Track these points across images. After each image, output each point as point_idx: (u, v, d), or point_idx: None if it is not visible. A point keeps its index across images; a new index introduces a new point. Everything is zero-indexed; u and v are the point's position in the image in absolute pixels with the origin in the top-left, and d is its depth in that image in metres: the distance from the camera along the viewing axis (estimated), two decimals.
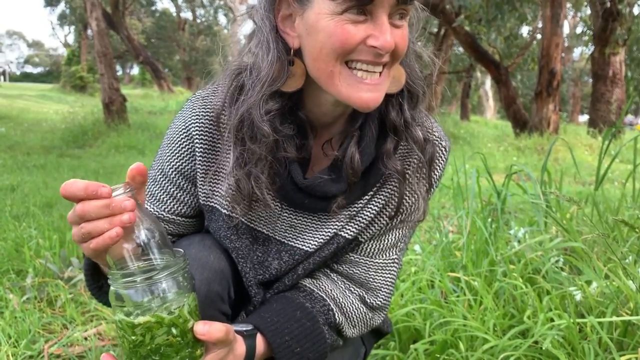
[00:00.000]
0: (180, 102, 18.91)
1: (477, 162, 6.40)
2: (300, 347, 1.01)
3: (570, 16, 24.08)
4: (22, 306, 2.24)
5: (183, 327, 0.80)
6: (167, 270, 0.78)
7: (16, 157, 7.46)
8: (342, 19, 0.87)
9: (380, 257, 1.14)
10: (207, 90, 1.08)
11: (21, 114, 14.26)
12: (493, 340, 1.62)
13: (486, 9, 11.14)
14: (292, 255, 1.09)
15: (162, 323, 0.78)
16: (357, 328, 1.14)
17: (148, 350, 0.79)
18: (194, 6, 39.83)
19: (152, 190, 1.11)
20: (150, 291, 0.77)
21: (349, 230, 1.08)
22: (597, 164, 2.64)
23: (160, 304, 0.78)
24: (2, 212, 3.86)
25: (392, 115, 1.00)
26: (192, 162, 1.07)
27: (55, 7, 40.83)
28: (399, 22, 0.91)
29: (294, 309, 1.05)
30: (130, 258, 0.78)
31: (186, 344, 0.81)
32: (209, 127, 1.04)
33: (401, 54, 0.93)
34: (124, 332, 0.79)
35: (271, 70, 0.94)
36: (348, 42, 0.88)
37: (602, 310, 1.70)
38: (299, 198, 1.03)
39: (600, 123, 11.80)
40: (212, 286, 1.02)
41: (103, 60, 10.94)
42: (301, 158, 1.02)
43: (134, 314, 0.78)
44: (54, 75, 52.08)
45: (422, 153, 1.03)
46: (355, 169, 0.99)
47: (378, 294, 1.15)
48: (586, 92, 30.75)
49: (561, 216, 2.40)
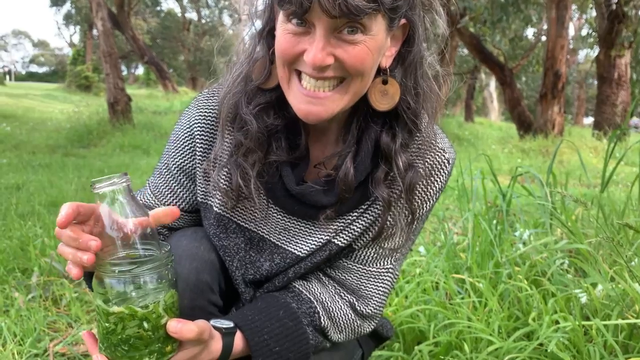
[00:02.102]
0: (185, 102, 18.94)
1: (481, 163, 6.38)
2: (279, 347, 1.01)
3: (575, 18, 24.01)
4: (27, 304, 2.25)
5: (156, 322, 0.82)
6: (149, 265, 0.80)
7: (21, 156, 7.48)
8: (286, 28, 0.89)
9: (374, 266, 1.12)
10: (212, 90, 1.10)
11: (26, 113, 14.31)
12: (498, 342, 1.61)
13: (491, 10, 11.14)
14: (284, 258, 1.09)
15: (134, 316, 0.80)
16: (343, 334, 1.13)
17: (118, 340, 0.82)
18: (199, 6, 39.88)
19: (156, 182, 1.15)
20: (129, 282, 0.80)
21: (342, 238, 1.07)
22: (601, 166, 2.63)
23: (137, 296, 0.80)
24: (8, 210, 3.87)
25: (384, 140, 0.99)
26: (192, 160, 1.09)
27: (61, 7, 41.03)
28: (350, 36, 0.86)
29: (277, 308, 1.05)
30: (118, 247, 0.80)
31: (157, 339, 0.83)
32: (211, 126, 1.07)
33: (354, 70, 0.89)
34: (100, 317, 0.82)
35: (251, 68, 0.99)
36: (286, 52, 0.90)
37: (608, 313, 1.70)
38: (290, 204, 1.03)
39: (605, 125, 11.76)
40: (201, 276, 1.03)
41: (108, 60, 10.96)
42: (295, 159, 1.01)
43: (111, 302, 0.80)
44: (59, 74, 52.32)
45: (402, 180, 1.00)
46: (348, 185, 0.98)
47: (369, 302, 1.13)
48: (591, 94, 30.68)
49: (566, 218, 2.40)
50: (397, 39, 0.96)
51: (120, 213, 0.80)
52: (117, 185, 0.79)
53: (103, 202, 0.79)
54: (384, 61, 0.95)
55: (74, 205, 0.78)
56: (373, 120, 0.99)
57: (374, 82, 0.96)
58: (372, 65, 0.91)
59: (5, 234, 3.20)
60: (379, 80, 0.96)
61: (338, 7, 0.80)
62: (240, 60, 1.03)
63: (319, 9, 0.81)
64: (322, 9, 0.81)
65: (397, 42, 0.96)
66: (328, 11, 0.81)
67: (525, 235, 2.42)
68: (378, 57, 0.92)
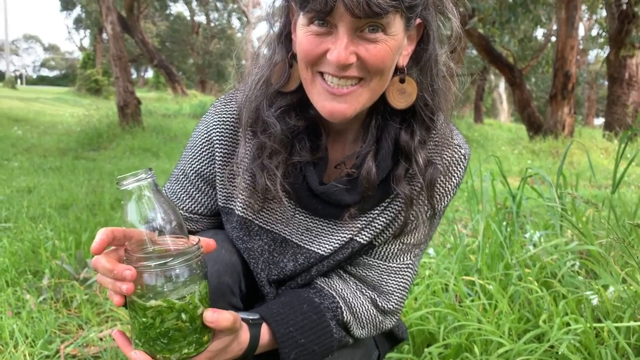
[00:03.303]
0: (194, 105, 19.05)
1: (490, 165, 6.36)
2: (304, 339, 1.03)
3: (585, 18, 23.87)
4: (38, 306, 2.27)
5: (193, 313, 0.83)
6: (182, 257, 0.81)
7: (33, 160, 7.54)
8: (308, 30, 0.91)
9: (394, 261, 1.14)
10: (229, 95, 1.12)
11: (37, 116, 14.42)
12: (508, 345, 1.61)
13: (500, 11, 11.08)
14: (307, 257, 1.11)
15: (172, 308, 0.81)
16: (365, 329, 1.15)
17: (157, 333, 0.82)
18: (207, 10, 40.04)
19: (174, 188, 1.16)
20: (164, 276, 0.80)
21: (364, 235, 1.09)
22: (612, 167, 2.61)
23: (172, 289, 0.81)
24: (19, 213, 3.90)
25: (403, 137, 1.01)
26: (211, 166, 1.10)
27: (71, 11, 41.31)
28: (372, 35, 0.88)
29: (301, 302, 1.07)
30: (149, 242, 0.81)
31: (194, 329, 0.84)
32: (230, 132, 1.08)
33: (375, 69, 0.91)
34: (135, 314, 0.82)
35: (271, 71, 1.01)
36: (310, 53, 0.92)
37: (620, 315, 1.68)
38: (313, 204, 1.05)
39: (616, 126, 11.67)
40: (223, 278, 1.04)
41: (118, 64, 11.02)
42: (317, 160, 1.03)
43: (146, 297, 0.80)
44: (69, 78, 52.67)
45: (422, 177, 1.03)
46: (371, 183, 1.00)
47: (390, 297, 1.15)
48: (601, 94, 30.46)
49: (577, 219, 2.38)
50: (413, 38, 0.98)
51: (148, 208, 0.81)
52: (143, 181, 0.80)
53: (130, 198, 0.80)
54: (401, 60, 0.97)
55: (109, 230, 0.79)
56: (391, 119, 1.01)
57: (392, 80, 0.98)
58: (391, 64, 0.94)
59: (17, 237, 3.23)
60: (397, 79, 0.98)
61: (361, 7, 0.82)
62: (260, 64, 1.05)
63: (342, 8, 0.84)
64: (345, 8, 0.83)
65: (412, 41, 0.99)
66: (352, 10, 0.83)
67: (536, 237, 2.41)
68: (396, 56, 0.95)
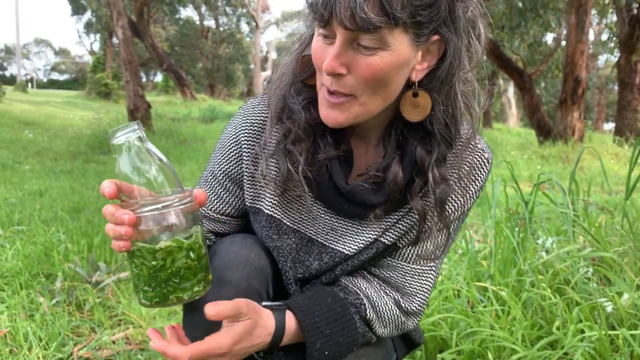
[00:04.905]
0: (203, 109, 19.16)
1: (500, 170, 6.34)
2: (329, 329, 1.04)
3: (595, 23, 23.75)
4: (52, 309, 2.28)
5: (199, 251, 0.88)
6: (183, 200, 0.85)
7: (44, 163, 7.59)
8: (318, 36, 0.94)
9: (417, 263, 1.15)
10: (258, 98, 1.14)
11: (48, 120, 14.50)
12: (522, 351, 1.60)
13: (509, 16, 11.07)
14: (332, 257, 1.12)
15: (182, 247, 0.86)
16: (388, 328, 1.16)
17: (168, 274, 0.86)
18: (217, 14, 40.22)
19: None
20: (171, 218, 0.85)
21: (389, 236, 1.11)
22: (623, 173, 2.60)
23: (179, 230, 0.85)
24: (32, 216, 3.93)
25: (419, 153, 1.01)
26: (239, 167, 1.12)
27: (82, 16, 41.54)
28: (366, 48, 0.88)
29: (325, 295, 1.09)
30: (146, 191, 0.85)
31: (201, 267, 0.89)
32: (258, 133, 1.10)
33: (362, 82, 0.91)
34: (143, 260, 0.85)
35: (297, 63, 1.05)
36: (316, 58, 0.95)
37: (634, 323, 1.67)
38: (339, 203, 1.06)
39: (626, 131, 11.61)
40: (252, 282, 1.05)
41: (128, 68, 11.11)
42: (342, 153, 1.05)
43: (154, 240, 0.84)
44: (79, 82, 52.97)
45: (433, 193, 1.02)
46: (398, 185, 1.02)
47: (413, 299, 1.16)
48: (611, 99, 30.27)
49: (589, 225, 2.37)
50: (434, 54, 0.96)
51: (140, 160, 0.84)
52: (133, 133, 0.83)
53: (121, 152, 0.84)
54: (414, 75, 0.96)
55: (112, 181, 0.83)
56: (410, 134, 1.02)
57: (405, 95, 0.98)
58: (386, 79, 0.92)
59: (30, 240, 3.26)
60: (410, 93, 0.98)
61: (351, 20, 0.84)
62: (291, 54, 1.07)
63: (335, 21, 0.86)
64: (336, 20, 0.86)
65: (433, 56, 0.96)
66: (342, 22, 0.85)
67: (548, 243, 2.40)
68: (399, 71, 0.93)
